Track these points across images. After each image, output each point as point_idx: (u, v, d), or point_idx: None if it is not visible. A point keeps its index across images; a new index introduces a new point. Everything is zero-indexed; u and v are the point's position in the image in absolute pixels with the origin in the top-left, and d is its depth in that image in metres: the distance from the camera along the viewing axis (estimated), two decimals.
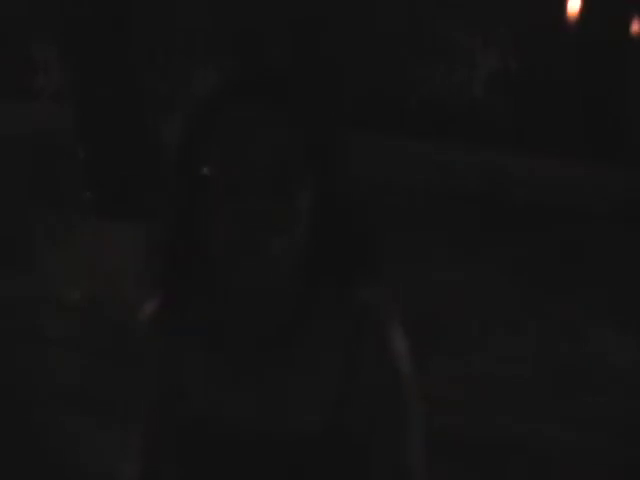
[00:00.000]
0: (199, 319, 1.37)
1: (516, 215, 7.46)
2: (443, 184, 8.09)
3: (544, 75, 9.20)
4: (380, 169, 8.10)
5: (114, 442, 3.61)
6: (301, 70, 1.32)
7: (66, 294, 5.19)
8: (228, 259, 1.25)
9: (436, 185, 8.06)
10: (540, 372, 4.65)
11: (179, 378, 1.36)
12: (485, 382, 4.46)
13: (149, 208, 5.77)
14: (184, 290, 1.37)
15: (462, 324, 5.16)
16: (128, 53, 5.81)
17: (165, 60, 5.94)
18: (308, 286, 1.33)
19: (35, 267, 5.57)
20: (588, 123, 8.79)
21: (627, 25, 8.99)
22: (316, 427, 1.29)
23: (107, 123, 5.85)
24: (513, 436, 3.99)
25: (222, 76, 1.31)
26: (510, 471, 3.73)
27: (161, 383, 1.39)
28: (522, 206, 7.68)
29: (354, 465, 1.32)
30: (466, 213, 7.41)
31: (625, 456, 3.87)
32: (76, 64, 5.97)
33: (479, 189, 8.06)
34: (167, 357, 1.38)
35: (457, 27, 9.53)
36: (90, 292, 5.19)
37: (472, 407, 4.18)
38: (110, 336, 4.57)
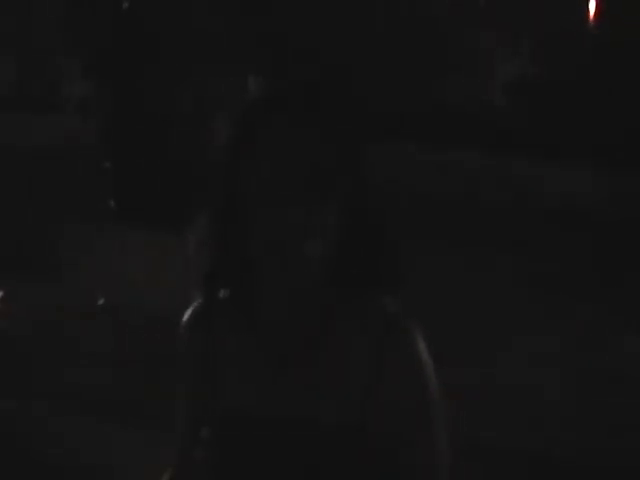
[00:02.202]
0: (239, 317, 1.43)
1: (533, 220, 7.45)
2: (458, 190, 8.09)
3: (563, 80, 9.16)
4: (394, 175, 8.11)
5: (130, 444, 3.67)
6: (331, 84, 1.39)
7: (90, 300, 5.23)
8: (265, 259, 1.33)
9: (451, 191, 8.06)
10: (553, 376, 4.65)
11: (218, 373, 1.43)
12: (494, 387, 4.46)
13: (171, 216, 5.83)
14: (227, 289, 1.45)
15: (474, 330, 5.16)
16: (149, 62, 5.84)
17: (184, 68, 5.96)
18: (335, 295, 1.38)
19: (59, 274, 5.62)
20: (605, 129, 8.75)
21: None
22: (345, 418, 1.34)
23: (130, 132, 5.88)
24: (520, 439, 4.00)
25: (258, 93, 1.41)
26: (520, 473, 3.76)
27: (200, 377, 1.45)
28: (539, 211, 7.68)
29: (378, 461, 1.36)
30: (482, 219, 7.41)
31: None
32: (99, 76, 6.03)
33: (496, 195, 8.05)
34: (207, 352, 1.44)
35: (475, 32, 9.51)
36: (113, 298, 5.23)
37: (483, 411, 4.20)
38: (131, 342, 4.61)
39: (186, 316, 1.48)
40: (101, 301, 5.20)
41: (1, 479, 3.59)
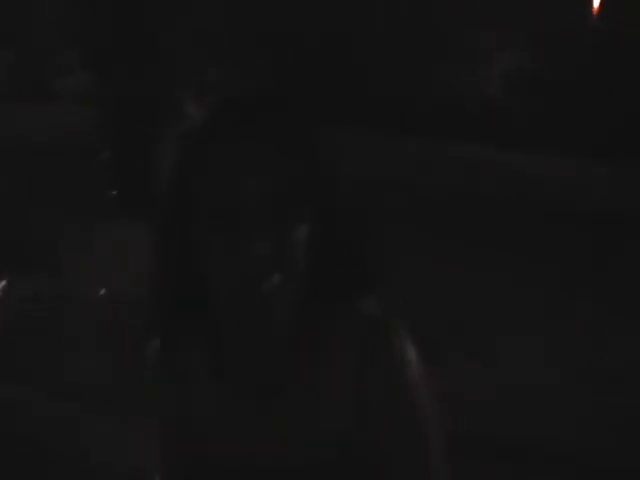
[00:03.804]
0: (203, 357, 1.35)
1: (533, 216, 7.44)
2: (458, 189, 8.08)
3: (561, 74, 9.16)
4: (394, 169, 8.12)
5: (130, 441, 3.66)
6: (294, 97, 1.31)
7: (88, 294, 5.21)
8: (224, 298, 1.24)
9: (450, 190, 8.06)
10: (552, 376, 4.65)
11: (187, 417, 1.35)
12: (494, 387, 4.46)
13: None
14: (185, 329, 1.36)
15: (473, 329, 5.16)
16: (148, 55, 5.84)
17: (183, 64, 5.97)
18: (310, 315, 1.31)
19: (56, 267, 5.60)
20: (606, 122, 8.74)
21: None
22: (331, 454, 1.29)
23: (128, 124, 5.87)
24: (520, 439, 4.00)
25: (211, 110, 1.29)
26: (520, 473, 3.75)
27: (169, 422, 1.38)
28: (539, 207, 7.67)
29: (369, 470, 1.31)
30: (482, 214, 7.40)
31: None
32: (98, 66, 6.03)
33: (496, 190, 8.05)
34: (172, 397, 1.37)
35: (473, 26, 9.50)
36: (112, 291, 5.21)
37: (482, 411, 4.19)
38: (130, 336, 4.58)
39: (149, 359, 1.40)
40: (102, 291, 5.18)
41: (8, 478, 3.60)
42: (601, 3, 9.14)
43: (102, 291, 5.19)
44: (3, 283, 5.28)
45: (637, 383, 4.53)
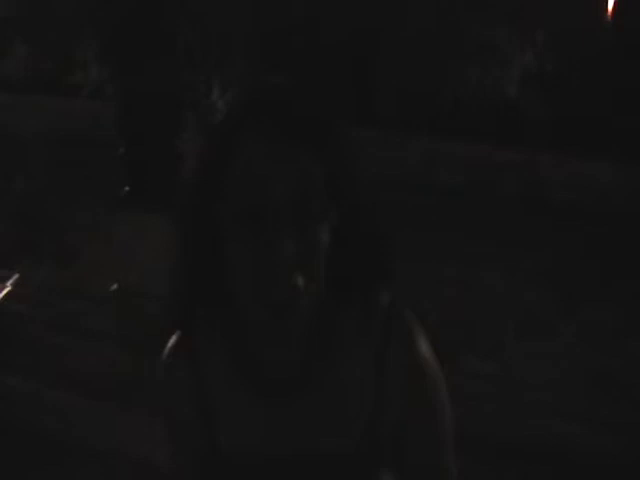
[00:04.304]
0: (222, 349, 1.36)
1: (550, 216, 7.44)
2: (476, 184, 8.08)
3: (580, 75, 9.14)
4: (412, 168, 8.12)
5: (140, 431, 3.68)
6: (318, 94, 1.31)
7: (101, 286, 5.21)
8: (249, 295, 1.23)
9: (469, 185, 8.06)
10: (570, 374, 4.66)
11: (205, 409, 1.36)
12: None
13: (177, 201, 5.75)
14: (205, 322, 1.37)
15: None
16: (167, 50, 5.83)
17: (202, 60, 5.97)
18: (328, 310, 1.32)
19: (70, 259, 5.60)
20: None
21: None
22: (351, 444, 1.31)
23: (146, 118, 5.86)
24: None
25: (236, 103, 1.28)
26: (532, 473, 3.76)
27: (187, 415, 1.38)
28: (556, 207, 7.67)
29: (384, 475, 1.35)
30: (500, 214, 7.40)
31: None
32: (117, 62, 6.02)
33: (513, 190, 8.05)
34: (191, 390, 1.37)
35: (492, 26, 9.47)
36: (124, 284, 5.21)
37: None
38: (143, 328, 4.57)
39: (166, 351, 1.40)
40: (114, 286, 5.19)
41: (4, 455, 3.62)
42: (615, 5, 9.11)
43: (114, 286, 5.20)
44: (15, 276, 5.30)
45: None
